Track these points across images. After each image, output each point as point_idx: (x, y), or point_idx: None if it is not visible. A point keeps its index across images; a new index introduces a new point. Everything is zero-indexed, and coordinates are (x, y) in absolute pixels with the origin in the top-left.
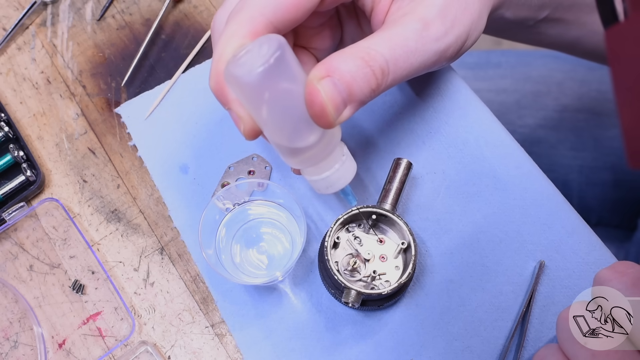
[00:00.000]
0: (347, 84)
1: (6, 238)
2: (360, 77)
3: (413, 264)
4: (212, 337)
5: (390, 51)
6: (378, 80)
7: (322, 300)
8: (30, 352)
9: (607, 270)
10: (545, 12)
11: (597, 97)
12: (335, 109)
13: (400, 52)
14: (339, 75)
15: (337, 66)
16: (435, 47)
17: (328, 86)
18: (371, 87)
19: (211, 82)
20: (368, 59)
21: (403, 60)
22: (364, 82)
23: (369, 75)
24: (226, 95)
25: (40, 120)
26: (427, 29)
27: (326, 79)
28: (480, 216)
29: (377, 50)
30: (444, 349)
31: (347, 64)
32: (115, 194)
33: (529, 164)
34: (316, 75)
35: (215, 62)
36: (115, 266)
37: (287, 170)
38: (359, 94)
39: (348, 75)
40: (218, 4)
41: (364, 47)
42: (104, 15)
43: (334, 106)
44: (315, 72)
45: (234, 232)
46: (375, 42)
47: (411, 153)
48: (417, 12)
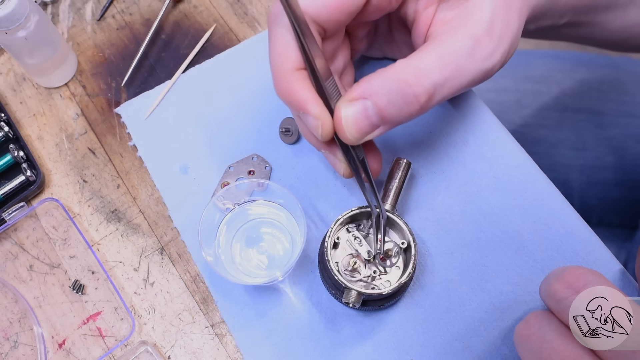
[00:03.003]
0: (380, 109)
1: (6, 238)
2: (399, 102)
3: (413, 264)
4: (212, 337)
5: (440, 72)
6: (421, 104)
7: (322, 300)
8: (30, 352)
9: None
10: (565, 19)
11: (598, 96)
12: (358, 132)
13: (450, 73)
14: (375, 99)
15: (375, 89)
16: (484, 66)
17: (356, 111)
18: (411, 112)
19: (278, 87)
20: (414, 83)
21: (452, 80)
22: (402, 107)
23: (410, 100)
24: (299, 96)
25: (40, 120)
26: (478, 47)
27: (358, 102)
28: (480, 216)
29: (426, 73)
30: (444, 349)
31: (387, 86)
32: (115, 194)
33: (529, 164)
34: (349, 97)
35: (277, 67)
36: (115, 266)
37: (287, 170)
38: (394, 118)
39: (384, 100)
40: (218, 4)
41: (413, 67)
42: (104, 15)
43: (357, 129)
44: (350, 94)
45: (234, 232)
46: (426, 62)
47: (411, 153)
48: (467, 27)
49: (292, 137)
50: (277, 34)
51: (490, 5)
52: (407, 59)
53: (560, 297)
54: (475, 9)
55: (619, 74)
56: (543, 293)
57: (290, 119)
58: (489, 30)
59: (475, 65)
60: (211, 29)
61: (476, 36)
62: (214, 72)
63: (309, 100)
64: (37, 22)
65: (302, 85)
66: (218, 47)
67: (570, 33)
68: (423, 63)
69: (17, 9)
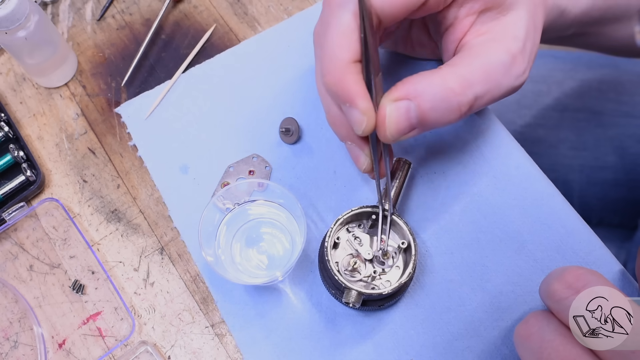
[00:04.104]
0: (422, 112)
1: (6, 238)
2: (442, 108)
3: (413, 264)
4: (212, 337)
5: (483, 85)
6: (461, 113)
7: (322, 300)
8: (30, 352)
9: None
10: (572, 31)
11: (598, 96)
12: (397, 131)
13: (490, 87)
14: (419, 101)
15: (420, 92)
16: (515, 83)
17: (399, 111)
18: (450, 119)
19: (330, 77)
20: (459, 92)
21: (489, 94)
22: (444, 113)
23: (452, 108)
24: (351, 90)
25: (40, 120)
26: (514, 64)
27: (402, 102)
28: (480, 216)
29: (471, 84)
30: (444, 349)
31: (433, 91)
32: (115, 194)
33: (529, 164)
34: (393, 96)
35: (335, 56)
36: (115, 266)
37: (287, 170)
38: (432, 123)
39: (428, 104)
40: (218, 4)
41: (460, 76)
42: (104, 15)
43: (396, 129)
44: (395, 93)
45: (234, 232)
46: (471, 73)
47: (411, 153)
48: (505, 43)
49: (292, 137)
50: (341, 20)
51: (525, 23)
52: (453, 66)
53: (560, 297)
54: (511, 25)
55: (619, 73)
56: (543, 293)
57: (290, 119)
58: (522, 49)
59: (509, 82)
60: (211, 29)
61: (513, 53)
62: (214, 72)
63: (360, 94)
64: (37, 22)
65: (356, 79)
66: (218, 47)
67: (575, 42)
68: (469, 74)
69: (17, 9)
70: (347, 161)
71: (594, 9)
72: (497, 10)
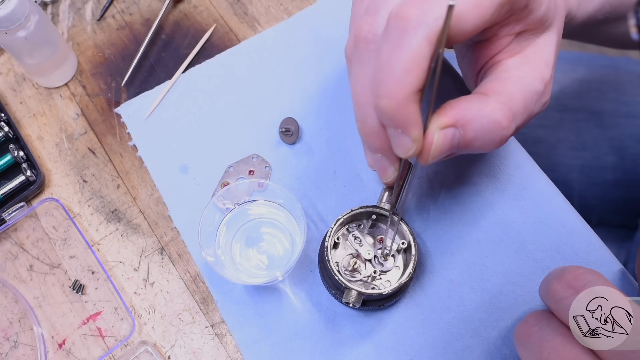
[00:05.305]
0: (466, 141)
1: (6, 238)
2: (485, 139)
3: (413, 264)
4: (212, 337)
5: (523, 117)
6: (502, 142)
7: (322, 300)
8: (30, 352)
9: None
10: (574, 32)
11: (597, 96)
12: (438, 155)
13: (526, 117)
14: (465, 130)
15: (469, 120)
16: (540, 111)
17: (445, 138)
18: (487, 148)
19: (387, 101)
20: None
21: (524, 123)
22: (484, 143)
23: (495, 140)
24: (408, 119)
25: (40, 120)
26: (544, 94)
27: (449, 130)
28: (480, 216)
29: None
30: (444, 349)
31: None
32: (115, 194)
33: (529, 163)
34: (442, 122)
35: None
36: (115, 266)
37: (287, 170)
38: (471, 150)
39: (473, 134)
40: (218, 4)
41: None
42: (104, 15)
43: (438, 153)
44: (443, 119)
45: (234, 232)
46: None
47: None
48: (539, 69)
49: (292, 137)
50: (414, 44)
51: (554, 48)
52: (498, 94)
53: (559, 297)
54: (543, 48)
55: (619, 74)
56: (543, 293)
57: (290, 119)
58: (551, 77)
59: (537, 110)
60: (211, 29)
61: (546, 82)
62: (214, 72)
63: (416, 124)
64: (37, 22)
65: (415, 108)
66: (218, 47)
67: (575, 37)
68: (514, 105)
69: (17, 9)
70: (347, 161)
71: (600, 13)
72: (534, 32)
